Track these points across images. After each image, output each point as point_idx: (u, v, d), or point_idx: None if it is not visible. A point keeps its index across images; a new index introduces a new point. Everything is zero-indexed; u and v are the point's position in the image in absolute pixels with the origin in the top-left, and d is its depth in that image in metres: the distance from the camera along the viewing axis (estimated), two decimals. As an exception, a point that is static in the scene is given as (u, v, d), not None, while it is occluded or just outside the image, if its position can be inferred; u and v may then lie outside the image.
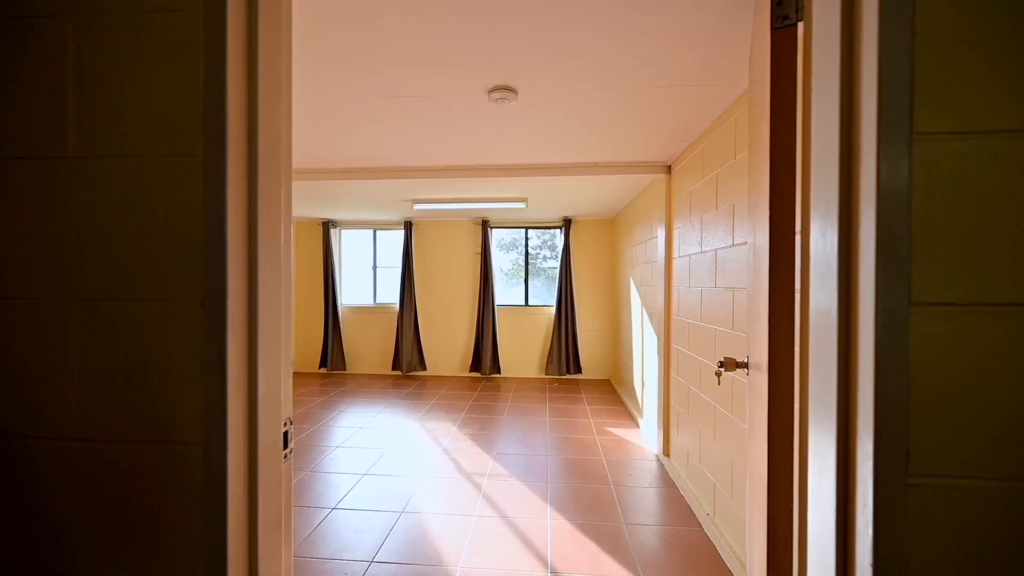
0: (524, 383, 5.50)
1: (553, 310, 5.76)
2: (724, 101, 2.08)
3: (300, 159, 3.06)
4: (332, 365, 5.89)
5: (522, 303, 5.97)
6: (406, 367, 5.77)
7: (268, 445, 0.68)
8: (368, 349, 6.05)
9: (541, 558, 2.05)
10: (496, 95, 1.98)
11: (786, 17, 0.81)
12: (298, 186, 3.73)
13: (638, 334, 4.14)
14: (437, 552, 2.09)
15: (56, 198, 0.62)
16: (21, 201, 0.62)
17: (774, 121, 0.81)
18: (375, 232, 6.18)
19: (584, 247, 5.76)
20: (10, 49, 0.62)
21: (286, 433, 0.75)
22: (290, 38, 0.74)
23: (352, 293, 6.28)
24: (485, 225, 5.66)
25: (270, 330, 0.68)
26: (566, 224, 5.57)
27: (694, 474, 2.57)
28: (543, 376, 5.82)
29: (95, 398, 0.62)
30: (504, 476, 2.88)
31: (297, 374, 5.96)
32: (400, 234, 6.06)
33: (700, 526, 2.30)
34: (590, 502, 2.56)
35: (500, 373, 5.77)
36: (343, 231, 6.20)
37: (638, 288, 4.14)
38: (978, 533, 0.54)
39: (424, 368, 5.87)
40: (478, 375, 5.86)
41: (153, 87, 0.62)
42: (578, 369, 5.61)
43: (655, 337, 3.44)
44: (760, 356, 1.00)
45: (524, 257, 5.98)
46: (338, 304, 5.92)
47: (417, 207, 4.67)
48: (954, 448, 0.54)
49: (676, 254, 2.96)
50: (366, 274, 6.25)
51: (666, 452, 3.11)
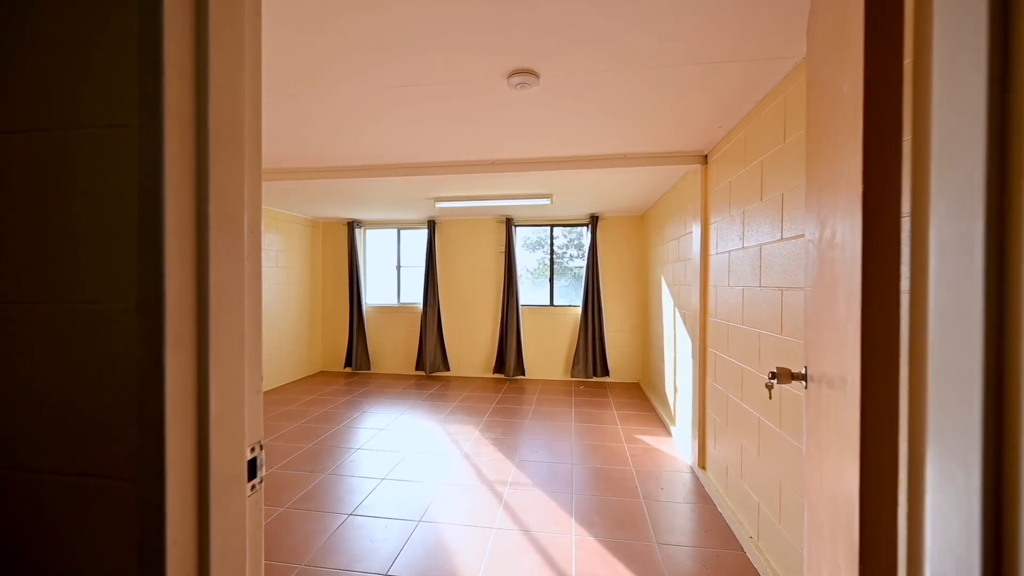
0: (549, 385, 5.34)
1: (579, 310, 5.57)
2: (771, 78, 1.86)
3: (315, 158, 3.01)
4: (357, 364, 5.91)
5: (547, 303, 5.80)
6: (429, 367, 5.72)
7: (225, 478, 0.56)
8: (392, 349, 6.03)
9: (565, 580, 1.90)
10: (516, 80, 1.84)
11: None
12: (319, 185, 3.70)
13: (670, 336, 3.91)
14: (453, 567, 1.97)
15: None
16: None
17: (870, 71, 0.62)
18: (399, 232, 6.16)
19: (612, 245, 5.54)
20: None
21: (254, 461, 0.63)
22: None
23: (376, 293, 6.29)
24: (509, 223, 5.53)
25: (227, 339, 0.56)
26: (593, 221, 5.37)
27: (734, 491, 2.35)
28: (569, 379, 5.64)
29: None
30: (526, 485, 2.74)
31: (323, 373, 6.01)
32: (423, 233, 6.01)
33: (742, 550, 2.08)
34: (618, 517, 2.38)
35: (524, 375, 5.63)
36: (367, 231, 6.21)
37: (670, 287, 3.90)
38: None
39: (447, 369, 5.79)
40: (502, 376, 5.74)
41: (72, 36, 0.50)
42: (605, 372, 5.40)
43: (689, 340, 3.21)
44: (835, 367, 0.82)
45: (549, 256, 5.81)
46: (363, 304, 5.92)
47: (439, 205, 4.59)
48: None
49: (713, 251, 2.74)
50: (390, 274, 6.24)
51: (701, 464, 2.89)
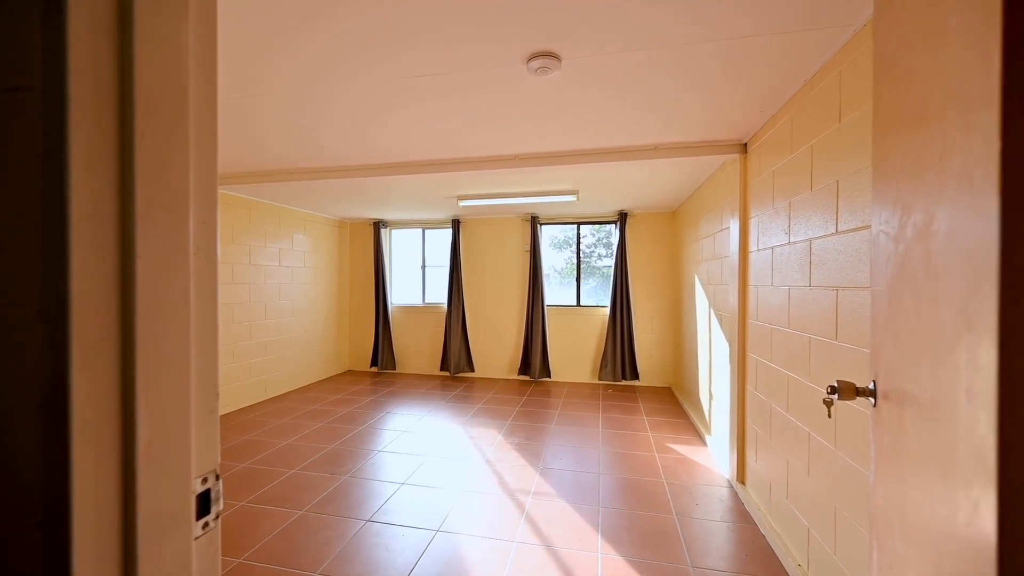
0: (575, 388, 5.17)
1: (607, 311, 5.37)
2: (824, 50, 1.65)
3: (332, 157, 2.96)
4: (382, 364, 5.92)
5: (573, 303, 5.63)
6: (454, 368, 5.66)
7: (161, 518, 0.46)
8: (417, 349, 6.02)
9: (590, 604, 1.75)
10: (536, 64, 1.71)
11: None
12: (339, 186, 3.68)
13: (704, 339, 3.67)
14: (471, 584, 1.86)
15: None
16: None
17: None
18: (424, 231, 6.14)
19: (641, 242, 5.31)
20: None
21: (206, 494, 0.53)
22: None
23: (402, 293, 6.29)
24: (534, 221, 5.39)
25: (162, 349, 0.46)
26: (621, 218, 5.15)
27: (779, 512, 2.13)
28: (596, 381, 5.45)
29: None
30: (550, 495, 2.60)
31: (350, 372, 6.07)
32: (448, 233, 5.96)
33: (789, 579, 1.88)
34: (649, 534, 2.21)
35: (550, 377, 5.48)
36: (393, 231, 6.22)
37: (705, 287, 3.67)
38: None
39: (472, 370, 5.72)
40: (527, 378, 5.61)
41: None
42: (635, 375, 5.18)
43: (726, 343, 2.99)
44: (931, 385, 0.65)
45: (576, 254, 5.64)
46: (388, 304, 5.93)
47: (463, 204, 4.51)
48: None
49: (753, 247, 2.52)
50: (415, 274, 6.23)
51: (740, 479, 2.67)
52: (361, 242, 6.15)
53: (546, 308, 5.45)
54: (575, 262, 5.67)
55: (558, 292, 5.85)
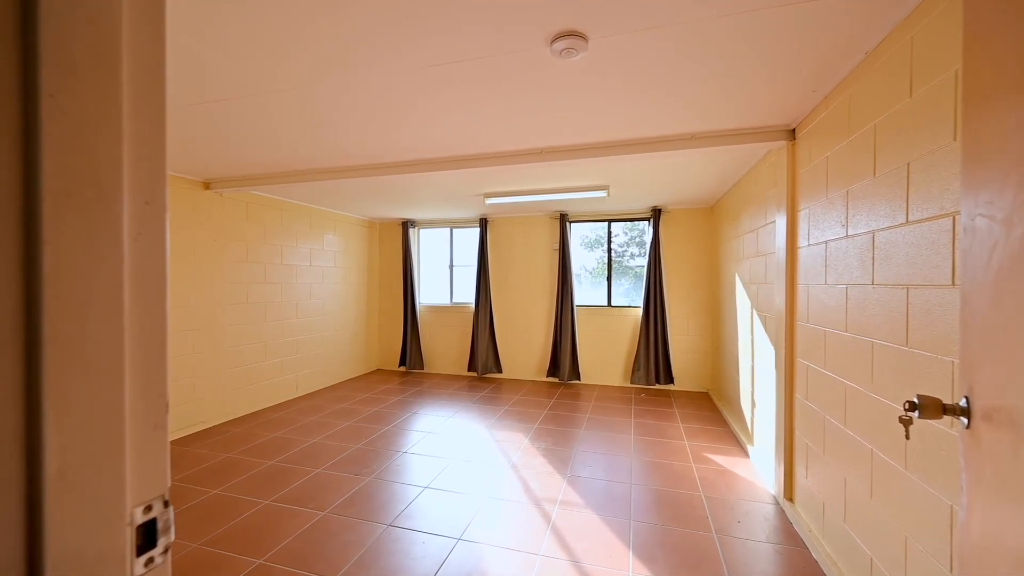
0: (606, 392, 4.98)
1: (640, 311, 5.15)
2: (889, 16, 1.45)
3: (354, 156, 2.93)
4: (411, 364, 5.94)
5: (605, 303, 5.44)
6: (481, 369, 5.59)
7: (81, 560, 0.38)
8: (445, 349, 5.99)
9: (619, 629, 1.61)
10: (561, 45, 1.59)
11: None
12: (367, 184, 3.67)
13: (745, 342, 3.42)
14: (492, 600, 1.76)
15: None
16: None
17: None
18: (451, 230, 6.11)
19: (676, 240, 5.06)
20: None
21: (149, 525, 0.45)
22: None
23: (430, 292, 6.29)
24: (563, 219, 5.25)
25: (80, 354, 0.38)
26: (655, 215, 4.93)
27: (834, 535, 1.91)
28: (628, 385, 5.24)
29: None
30: (578, 505, 2.47)
31: (379, 371, 6.12)
32: (476, 232, 5.91)
33: (847, 614, 1.67)
34: (685, 553, 2.04)
35: (579, 379, 5.32)
36: (421, 230, 6.23)
37: (746, 286, 3.42)
38: None
39: (500, 371, 5.63)
40: (555, 381, 5.47)
41: None
42: (669, 379, 4.94)
43: (771, 347, 2.75)
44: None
45: (607, 252, 5.45)
46: (416, 304, 5.94)
47: (489, 202, 4.43)
48: None
49: (803, 242, 2.29)
50: (443, 273, 6.21)
51: (788, 495, 2.44)
52: (390, 242, 6.20)
53: (576, 308, 5.29)
54: (606, 261, 5.48)
55: (589, 292, 5.68)
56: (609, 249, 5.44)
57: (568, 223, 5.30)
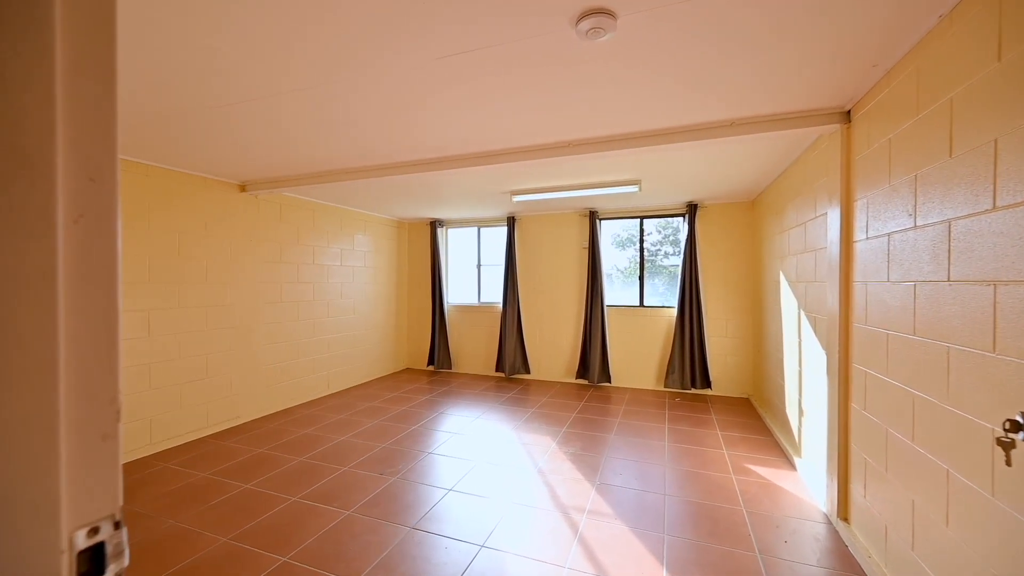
0: (638, 395, 4.79)
1: (674, 312, 4.92)
2: (973, -30, 1.25)
3: (373, 155, 2.90)
4: (439, 363, 5.94)
5: (637, 303, 5.24)
6: (509, 369, 5.51)
7: (-7, 599, 0.32)
8: (473, 349, 5.96)
9: (652, 656, 1.48)
10: (587, 24, 1.48)
11: None
12: (391, 184, 3.64)
13: (791, 344, 3.18)
14: (515, 614, 1.67)
15: None
16: None
17: None
18: (479, 229, 6.07)
19: (713, 236, 4.80)
20: None
21: (96, 551, 0.38)
22: None
23: (458, 292, 6.27)
24: (593, 216, 5.09)
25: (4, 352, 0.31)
26: (690, 210, 4.69)
27: (900, 563, 1.70)
28: (661, 389, 5.02)
29: None
30: (607, 516, 2.34)
31: (408, 370, 6.15)
32: (503, 230, 5.84)
33: (917, 655, 1.47)
34: (725, 575, 1.88)
35: (610, 382, 5.14)
36: (449, 230, 6.23)
37: (792, 285, 3.17)
38: None
39: (527, 371, 5.54)
40: (585, 383, 5.32)
41: None
42: (706, 383, 4.69)
43: (821, 351, 2.53)
44: None
45: (639, 251, 5.24)
46: (444, 303, 5.94)
47: (516, 199, 4.34)
48: None
49: (860, 235, 2.07)
50: (471, 272, 6.18)
51: (842, 515, 2.22)
52: (419, 242, 6.23)
53: (606, 308, 5.12)
54: (638, 260, 5.27)
55: (620, 292, 5.49)
56: (641, 247, 5.23)
57: (598, 220, 5.14)
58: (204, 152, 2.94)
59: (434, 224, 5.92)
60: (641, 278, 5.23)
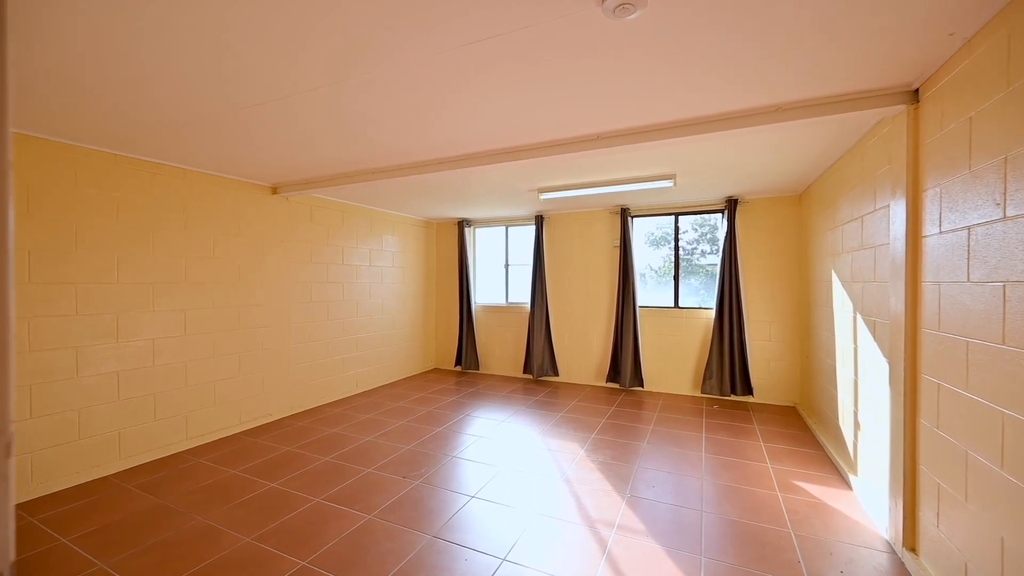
0: (673, 401, 4.55)
1: (712, 313, 4.66)
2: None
3: (395, 155, 2.84)
4: (466, 364, 5.89)
5: (671, 305, 4.99)
6: (537, 371, 5.39)
7: None
8: (500, 350, 5.88)
9: None
10: (614, 1, 1.35)
11: None
12: (414, 183, 3.59)
13: (845, 351, 2.89)
14: (536, 638, 1.56)
15: None
16: None
17: None
18: (507, 228, 5.99)
19: (756, 233, 4.50)
20: None
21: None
22: None
23: (485, 292, 6.21)
24: (624, 214, 4.89)
25: None
26: (730, 206, 4.42)
27: (983, 609, 1.47)
28: (698, 395, 4.76)
29: None
30: (638, 533, 2.18)
31: (436, 370, 6.15)
32: (531, 230, 5.72)
33: None
34: (772, 607, 1.69)
35: (642, 386, 4.93)
36: (476, 229, 6.17)
37: (846, 285, 2.89)
38: None
39: (556, 374, 5.40)
40: (616, 387, 5.12)
41: None
42: (747, 390, 4.40)
43: (883, 359, 2.27)
44: None
45: (674, 249, 5.00)
46: (472, 303, 5.89)
47: (544, 197, 4.22)
48: None
49: (931, 229, 1.83)
50: (499, 272, 6.10)
51: (909, 544, 1.97)
52: (447, 242, 6.21)
53: (638, 309, 4.91)
54: (673, 259, 5.03)
55: (654, 293, 5.26)
56: (676, 245, 4.98)
57: (630, 218, 4.93)
58: (232, 155, 2.99)
59: (462, 224, 5.88)
60: (676, 278, 4.98)
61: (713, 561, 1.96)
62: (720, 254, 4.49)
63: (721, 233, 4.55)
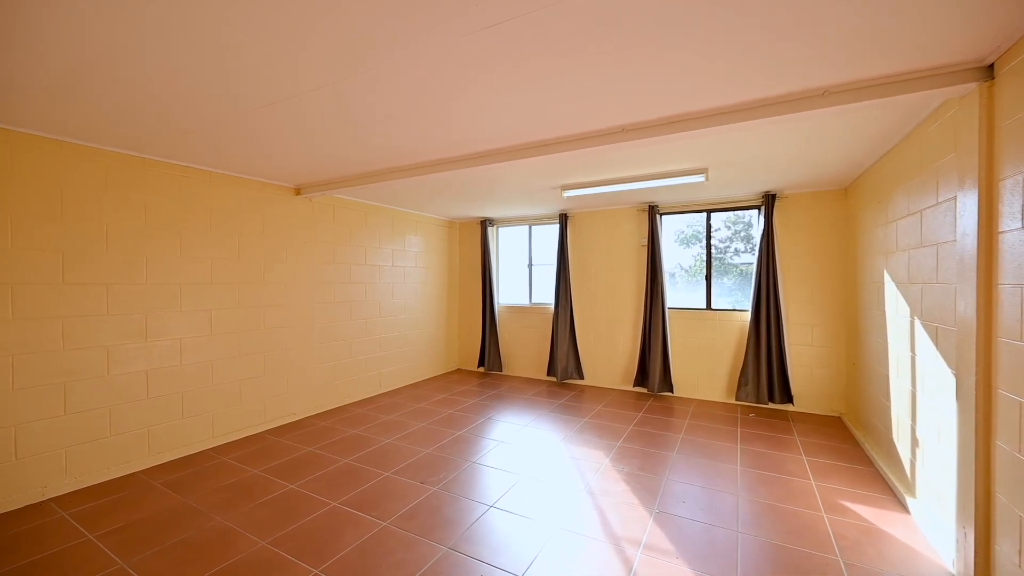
0: (704, 408, 4.32)
1: (747, 315, 4.39)
2: None
3: (411, 154, 2.76)
4: (489, 365, 5.82)
5: (703, 306, 4.75)
6: (561, 374, 5.25)
7: None
8: (524, 351, 5.77)
9: None
10: (641, -29, 1.21)
11: None
12: (434, 182, 3.51)
13: (900, 358, 2.63)
14: (554, 669, 1.44)
15: None
16: None
17: None
18: (530, 228, 5.87)
19: (795, 231, 4.21)
20: None
21: None
22: None
23: (508, 292, 6.11)
24: (652, 211, 4.69)
25: None
26: (767, 201, 4.15)
27: (1082, 669, 1.25)
28: (732, 401, 4.50)
29: None
30: (667, 553, 2.03)
31: (459, 371, 6.10)
32: (555, 228, 5.58)
33: None
34: (819, 647, 1.51)
35: (672, 392, 4.70)
36: (499, 229, 6.08)
37: (903, 287, 2.63)
38: None
39: (581, 377, 5.24)
40: (643, 391, 4.92)
41: None
42: (787, 398, 4.12)
43: (948, 370, 2.03)
44: None
45: (706, 248, 4.75)
46: (495, 304, 5.81)
47: (567, 195, 4.08)
48: None
49: (1009, 224, 1.60)
50: (522, 272, 5.99)
51: (981, 581, 1.73)
52: (470, 241, 6.15)
53: (667, 311, 4.69)
54: (704, 258, 4.78)
55: (684, 294, 5.03)
56: (708, 244, 4.73)
57: (658, 215, 4.72)
58: (251, 157, 3.01)
59: (484, 223, 5.80)
60: (708, 278, 4.73)
61: (751, 589, 1.79)
62: (756, 253, 4.22)
63: (757, 231, 4.28)
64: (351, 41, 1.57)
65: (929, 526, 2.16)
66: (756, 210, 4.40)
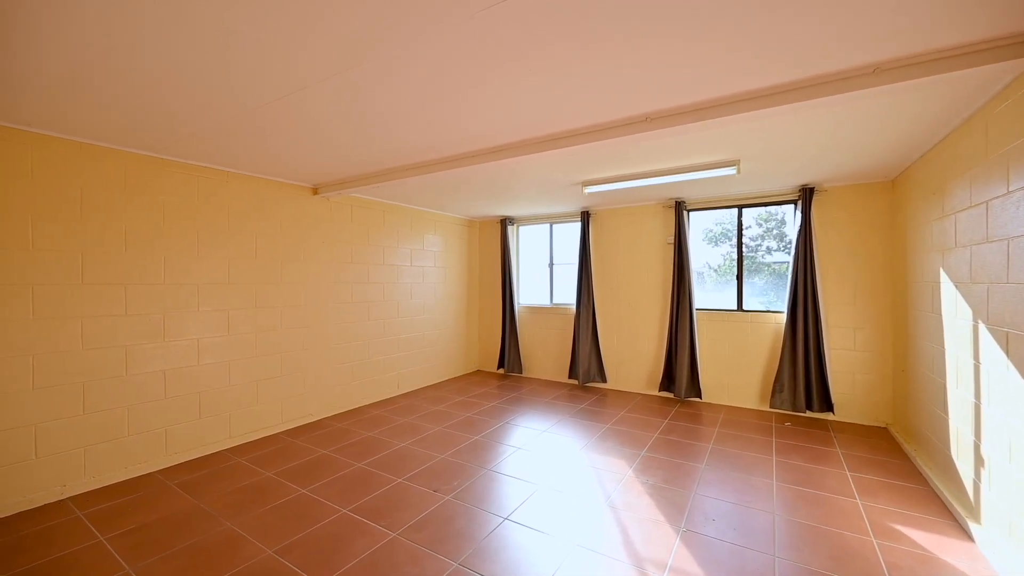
0: (736, 416, 4.07)
1: (783, 318, 4.12)
2: None
3: (425, 150, 2.66)
4: (509, 367, 5.70)
5: (733, 307, 4.49)
6: (583, 377, 5.08)
7: None
8: (544, 352, 5.62)
9: None
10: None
11: None
12: (451, 180, 3.41)
13: (960, 366, 2.36)
14: None
15: None
16: None
17: None
18: (551, 226, 5.72)
19: (836, 227, 3.91)
20: None
21: None
22: None
23: (529, 292, 5.98)
24: (679, 207, 4.47)
25: None
26: (804, 195, 3.87)
27: None
28: (766, 409, 4.23)
29: None
30: (696, 578, 1.85)
31: (479, 372, 6.01)
32: (577, 226, 5.42)
33: None
34: None
35: (700, 397, 4.47)
36: (520, 227, 5.96)
37: (962, 288, 2.36)
38: None
39: (603, 380, 5.06)
40: (670, 396, 4.69)
41: None
42: (826, 406, 3.83)
43: (1019, 379, 1.78)
44: None
45: (737, 246, 4.49)
46: (515, 304, 5.68)
47: (588, 191, 3.92)
48: None
49: (1109, 211, 1.36)
50: (543, 272, 5.85)
51: (1069, 628, 1.49)
52: (489, 241, 6.05)
53: (695, 312, 4.45)
54: (735, 257, 4.52)
55: (713, 294, 4.78)
56: (740, 241, 4.47)
57: (685, 212, 4.49)
58: (262, 157, 2.98)
59: (504, 222, 5.69)
60: (739, 278, 4.47)
61: (791, 625, 1.60)
62: (792, 251, 3.95)
63: (793, 227, 4.01)
64: (361, 29, 1.47)
65: (999, 557, 1.91)
66: (792, 204, 4.12)
